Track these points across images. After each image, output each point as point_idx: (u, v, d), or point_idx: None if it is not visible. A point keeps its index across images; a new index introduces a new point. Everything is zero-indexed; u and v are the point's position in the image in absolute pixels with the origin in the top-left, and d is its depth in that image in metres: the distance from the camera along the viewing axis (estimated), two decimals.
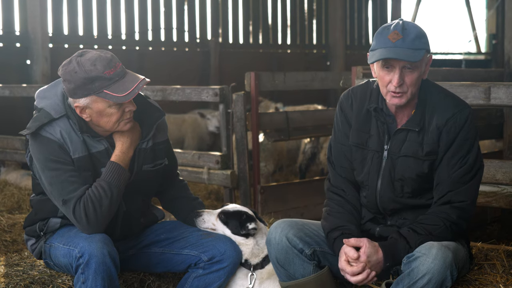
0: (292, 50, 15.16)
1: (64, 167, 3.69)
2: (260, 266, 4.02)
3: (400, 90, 3.58)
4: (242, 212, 4.07)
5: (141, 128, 3.92)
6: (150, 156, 3.96)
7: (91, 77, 3.61)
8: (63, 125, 3.72)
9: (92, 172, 3.77)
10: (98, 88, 3.63)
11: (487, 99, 4.73)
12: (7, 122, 10.03)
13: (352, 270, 3.47)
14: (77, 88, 3.64)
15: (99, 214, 3.66)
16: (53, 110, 3.74)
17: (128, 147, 3.80)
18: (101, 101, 3.66)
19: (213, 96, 6.65)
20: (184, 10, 13.29)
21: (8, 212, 7.21)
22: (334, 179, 3.90)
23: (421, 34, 3.56)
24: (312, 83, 7.57)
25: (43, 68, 10.56)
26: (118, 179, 3.72)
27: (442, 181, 3.62)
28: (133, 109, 3.75)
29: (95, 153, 3.80)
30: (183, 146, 10.59)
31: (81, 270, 3.56)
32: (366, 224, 3.83)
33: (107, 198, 3.67)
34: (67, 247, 3.70)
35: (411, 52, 3.50)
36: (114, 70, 3.65)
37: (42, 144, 3.70)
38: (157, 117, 3.98)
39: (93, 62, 3.63)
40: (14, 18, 10.85)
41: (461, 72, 8.08)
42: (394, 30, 3.54)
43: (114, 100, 3.62)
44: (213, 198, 8.66)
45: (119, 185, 3.72)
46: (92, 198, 3.65)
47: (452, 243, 3.54)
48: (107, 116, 3.72)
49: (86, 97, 3.66)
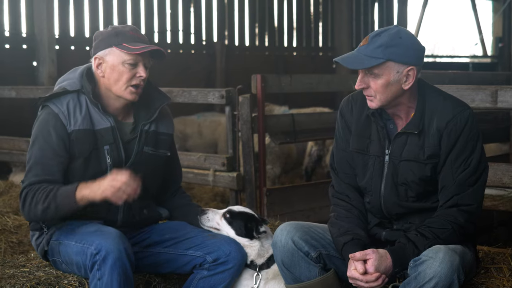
0: (298, 53, 15.17)
1: (48, 152, 3.81)
2: (266, 266, 4.02)
3: (367, 94, 3.62)
4: (248, 214, 4.07)
5: (145, 110, 4.07)
6: (152, 140, 4.07)
7: (117, 31, 3.91)
8: (72, 99, 3.90)
9: (92, 147, 3.87)
10: (119, 41, 3.87)
11: (494, 102, 4.72)
12: (13, 123, 10.04)
13: (366, 279, 3.44)
14: (102, 40, 3.92)
15: (32, 212, 3.79)
16: (68, 86, 3.94)
17: (95, 195, 3.68)
18: (117, 55, 3.88)
19: (219, 98, 6.66)
20: (190, 12, 13.31)
21: (14, 213, 7.21)
22: (338, 185, 3.89)
23: (395, 44, 3.50)
24: (318, 85, 7.57)
25: (50, 70, 10.58)
26: (64, 201, 3.70)
27: (447, 185, 3.61)
28: (143, 76, 3.93)
29: (100, 129, 3.91)
30: (216, 150, 10.50)
31: (97, 267, 3.57)
32: (373, 229, 3.82)
33: (42, 205, 3.73)
34: (81, 245, 3.71)
35: (365, 59, 3.52)
36: (139, 36, 3.95)
37: (43, 120, 3.88)
38: (162, 102, 4.12)
39: (124, 25, 4.00)
40: (21, 20, 10.87)
41: (467, 75, 8.07)
42: (368, 36, 3.58)
43: (130, 50, 3.84)
44: (218, 201, 8.65)
45: (60, 205, 3.71)
46: (34, 194, 3.76)
47: (459, 246, 3.53)
48: (118, 73, 3.89)
49: (106, 49, 3.90)
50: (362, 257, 3.46)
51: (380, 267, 3.43)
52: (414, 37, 3.62)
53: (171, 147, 4.25)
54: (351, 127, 3.83)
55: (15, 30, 10.81)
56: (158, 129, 4.10)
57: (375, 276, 3.42)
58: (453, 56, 20.08)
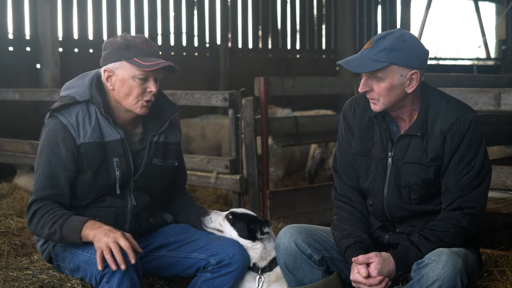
0: (301, 55, 15.17)
1: (55, 164, 3.78)
2: (268, 269, 4.02)
3: (370, 97, 3.63)
4: (251, 215, 4.07)
5: (154, 120, 4.02)
6: (161, 151, 4.03)
7: (128, 44, 3.82)
8: (81, 109, 3.85)
9: (101, 160, 3.84)
10: (130, 55, 3.80)
11: (497, 105, 4.72)
12: (17, 126, 10.06)
13: (369, 282, 3.44)
14: (112, 52, 3.84)
15: (37, 232, 3.81)
16: (77, 95, 3.88)
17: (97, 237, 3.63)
18: (127, 69, 3.80)
19: (223, 101, 6.67)
20: (193, 14, 13.31)
21: (18, 215, 7.23)
22: (340, 187, 3.89)
23: (398, 48, 3.51)
24: (322, 88, 7.56)
25: (53, 72, 10.58)
26: (69, 234, 3.69)
27: (450, 187, 3.61)
28: (154, 90, 3.84)
29: (110, 141, 3.86)
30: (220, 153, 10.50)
31: (106, 279, 3.54)
32: (375, 232, 3.82)
33: (48, 230, 3.72)
34: (88, 255, 3.69)
35: (369, 62, 3.53)
36: (150, 48, 3.86)
37: (52, 131, 3.82)
38: (172, 113, 4.07)
39: (135, 37, 3.90)
40: (24, 22, 10.88)
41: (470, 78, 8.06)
42: (371, 39, 3.58)
43: (140, 67, 3.76)
44: (221, 203, 8.66)
45: (64, 236, 3.70)
46: (42, 216, 3.74)
47: (462, 249, 3.53)
48: (128, 88, 3.82)
49: (116, 62, 3.82)
50: (365, 260, 3.46)
51: (383, 271, 3.43)
52: (418, 40, 3.62)
53: (178, 154, 4.22)
54: (354, 130, 3.83)
55: (18, 32, 10.82)
56: (167, 139, 4.06)
57: (378, 279, 3.42)
58: (456, 58, 20.05)
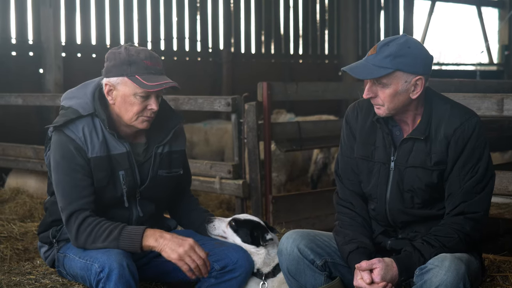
0: (304, 60, 15.18)
1: (76, 173, 3.74)
2: (271, 275, 4.01)
3: (375, 103, 3.64)
4: (254, 222, 4.07)
5: (158, 130, 3.99)
6: (166, 162, 4.01)
7: (131, 60, 3.75)
8: (86, 124, 3.80)
9: (109, 173, 3.82)
10: (132, 72, 3.74)
11: (500, 111, 4.71)
12: (20, 130, 10.07)
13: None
14: (114, 66, 3.77)
15: (87, 245, 3.72)
16: (81, 108, 3.83)
17: (161, 244, 3.70)
18: (129, 86, 3.75)
19: (225, 106, 6.67)
20: (196, 19, 13.32)
21: (20, 220, 7.24)
22: (342, 192, 3.89)
23: (403, 54, 3.51)
24: (324, 93, 7.58)
25: (56, 77, 10.59)
26: (127, 244, 3.69)
27: (453, 192, 3.60)
28: (155, 109, 3.81)
29: (115, 155, 3.84)
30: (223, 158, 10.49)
31: (102, 285, 3.57)
32: (378, 237, 3.81)
33: (101, 243, 3.68)
34: (84, 261, 3.70)
35: (374, 68, 3.54)
36: (154, 65, 3.79)
37: (62, 143, 3.78)
38: (176, 123, 4.04)
39: (139, 51, 3.79)
40: (28, 27, 10.89)
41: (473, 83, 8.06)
42: (376, 45, 3.59)
43: (142, 86, 3.71)
44: (224, 208, 8.66)
45: (121, 247, 3.68)
46: (92, 230, 3.70)
47: (465, 255, 3.53)
48: (129, 104, 3.79)
49: (118, 77, 3.77)
50: (369, 266, 3.45)
51: (387, 276, 3.43)
52: (422, 46, 3.62)
53: (183, 161, 4.20)
54: (356, 134, 3.83)
55: (21, 37, 10.83)
56: (172, 148, 4.04)
57: (382, 285, 3.42)
58: (459, 64, 20.05)
